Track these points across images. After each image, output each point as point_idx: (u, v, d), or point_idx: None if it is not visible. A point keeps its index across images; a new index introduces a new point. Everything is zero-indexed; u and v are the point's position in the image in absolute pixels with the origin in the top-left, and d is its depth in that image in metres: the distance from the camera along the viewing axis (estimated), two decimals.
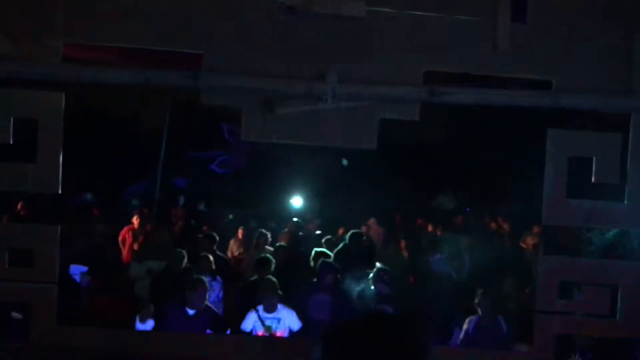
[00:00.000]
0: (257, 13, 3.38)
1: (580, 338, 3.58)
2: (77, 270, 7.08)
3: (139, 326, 4.74)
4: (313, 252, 7.30)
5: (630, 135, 3.42)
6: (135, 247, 8.97)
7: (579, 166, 3.44)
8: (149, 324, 4.77)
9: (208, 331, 4.88)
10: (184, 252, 6.95)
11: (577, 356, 3.14)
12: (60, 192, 3.41)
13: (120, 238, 9.47)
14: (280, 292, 5.53)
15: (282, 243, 8.53)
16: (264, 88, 3.33)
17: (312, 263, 7.03)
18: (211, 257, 6.97)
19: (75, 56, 3.72)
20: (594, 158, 3.39)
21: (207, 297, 5.07)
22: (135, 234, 9.34)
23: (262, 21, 3.36)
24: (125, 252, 9.25)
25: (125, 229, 9.49)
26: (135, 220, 9.53)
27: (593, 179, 3.39)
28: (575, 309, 3.56)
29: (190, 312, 4.92)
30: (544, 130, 3.43)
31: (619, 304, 3.40)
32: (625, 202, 3.42)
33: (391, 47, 3.41)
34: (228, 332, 5.10)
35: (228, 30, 3.36)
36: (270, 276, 5.71)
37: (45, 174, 3.37)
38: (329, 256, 7.19)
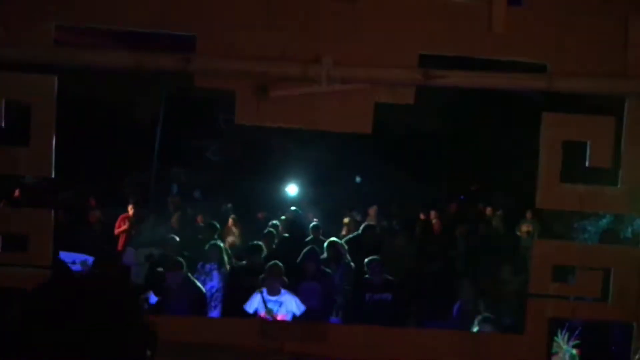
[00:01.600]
0: None
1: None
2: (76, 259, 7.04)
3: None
4: (326, 243, 7.43)
5: (625, 119, 3.41)
6: (133, 233, 9.14)
7: (573, 150, 3.42)
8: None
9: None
10: (177, 238, 7.08)
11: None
12: (53, 176, 3.39)
13: (116, 227, 9.59)
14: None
15: (271, 229, 8.71)
16: (258, 71, 3.31)
17: (325, 254, 7.14)
18: (220, 245, 6.99)
19: (68, 40, 3.69)
20: (589, 142, 3.38)
21: (182, 275, 5.56)
22: (131, 222, 9.49)
23: (256, 3, 3.33)
24: (121, 240, 9.39)
25: (121, 217, 9.61)
26: (130, 209, 9.66)
27: (587, 163, 3.38)
28: (569, 293, 3.57)
29: (172, 287, 5.47)
30: (538, 114, 3.41)
31: (610, 288, 3.41)
32: (619, 186, 3.41)
33: (386, 29, 3.38)
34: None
35: (222, 12, 3.33)
36: (277, 261, 5.75)
37: (38, 158, 3.35)
38: (340, 245, 7.32)
